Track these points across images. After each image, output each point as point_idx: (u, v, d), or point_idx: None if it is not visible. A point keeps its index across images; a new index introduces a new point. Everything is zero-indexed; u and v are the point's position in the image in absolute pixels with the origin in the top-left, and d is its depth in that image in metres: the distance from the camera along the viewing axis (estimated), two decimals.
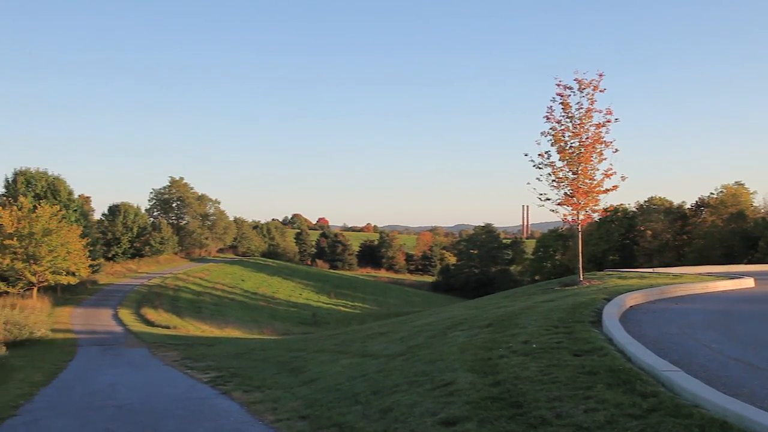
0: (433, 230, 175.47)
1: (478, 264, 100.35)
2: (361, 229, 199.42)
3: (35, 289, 42.68)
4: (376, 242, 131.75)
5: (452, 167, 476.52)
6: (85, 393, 13.39)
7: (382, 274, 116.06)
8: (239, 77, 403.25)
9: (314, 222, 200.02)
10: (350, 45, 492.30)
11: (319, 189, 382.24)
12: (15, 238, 39.61)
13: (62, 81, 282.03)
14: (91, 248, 50.26)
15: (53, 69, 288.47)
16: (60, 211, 44.16)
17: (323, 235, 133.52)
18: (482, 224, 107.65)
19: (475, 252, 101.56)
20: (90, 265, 47.32)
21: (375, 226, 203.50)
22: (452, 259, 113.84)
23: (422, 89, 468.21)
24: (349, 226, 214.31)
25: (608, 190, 22.08)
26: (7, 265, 39.52)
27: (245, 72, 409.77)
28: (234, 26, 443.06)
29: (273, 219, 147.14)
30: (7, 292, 40.52)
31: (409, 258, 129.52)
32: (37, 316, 33.47)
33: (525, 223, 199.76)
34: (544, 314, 12.53)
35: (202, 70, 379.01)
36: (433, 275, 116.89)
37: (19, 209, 41.69)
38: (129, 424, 9.33)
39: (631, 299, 14.55)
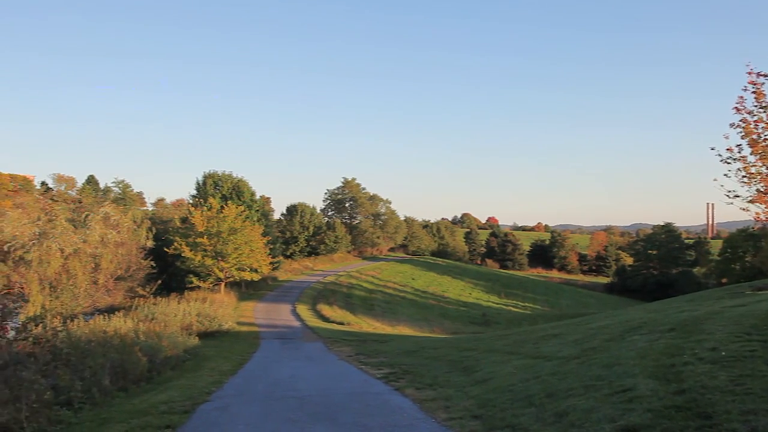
0: (607, 229, 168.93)
1: (657, 265, 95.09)
2: (531, 229, 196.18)
3: (223, 284, 45.79)
4: (547, 242, 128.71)
5: (628, 164, 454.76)
6: (269, 383, 14.22)
7: (554, 274, 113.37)
8: (413, 79, 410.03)
9: (483, 221, 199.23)
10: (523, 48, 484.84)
11: (489, 188, 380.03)
12: (205, 237, 42.70)
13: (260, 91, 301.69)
14: (272, 246, 52.96)
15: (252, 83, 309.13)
16: (244, 211, 47.02)
17: (493, 234, 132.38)
18: (662, 223, 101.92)
19: (654, 252, 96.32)
20: (270, 263, 49.61)
21: (546, 225, 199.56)
22: (629, 260, 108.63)
23: (598, 84, 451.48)
24: (519, 225, 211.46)
25: None
26: (199, 261, 42.65)
27: (419, 73, 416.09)
28: (416, 28, 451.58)
29: (442, 218, 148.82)
30: (198, 287, 43.81)
31: (582, 258, 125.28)
32: (225, 310, 36.10)
33: (710, 222, 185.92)
34: (734, 320, 11.57)
35: (377, 70, 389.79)
36: (607, 276, 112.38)
37: (209, 209, 44.79)
38: (308, 415, 9.75)
39: None
